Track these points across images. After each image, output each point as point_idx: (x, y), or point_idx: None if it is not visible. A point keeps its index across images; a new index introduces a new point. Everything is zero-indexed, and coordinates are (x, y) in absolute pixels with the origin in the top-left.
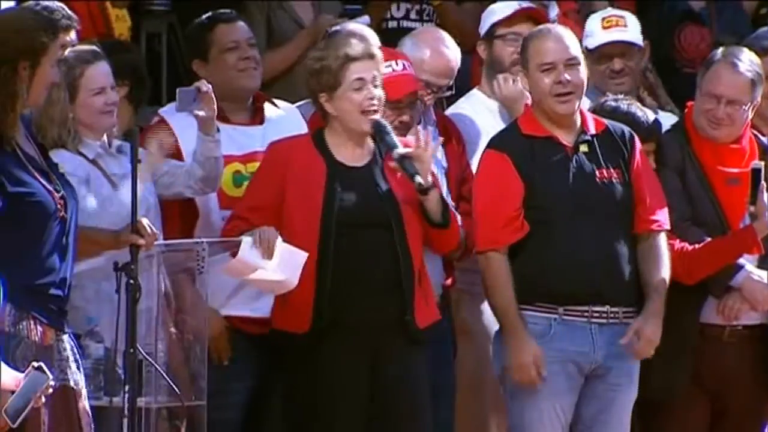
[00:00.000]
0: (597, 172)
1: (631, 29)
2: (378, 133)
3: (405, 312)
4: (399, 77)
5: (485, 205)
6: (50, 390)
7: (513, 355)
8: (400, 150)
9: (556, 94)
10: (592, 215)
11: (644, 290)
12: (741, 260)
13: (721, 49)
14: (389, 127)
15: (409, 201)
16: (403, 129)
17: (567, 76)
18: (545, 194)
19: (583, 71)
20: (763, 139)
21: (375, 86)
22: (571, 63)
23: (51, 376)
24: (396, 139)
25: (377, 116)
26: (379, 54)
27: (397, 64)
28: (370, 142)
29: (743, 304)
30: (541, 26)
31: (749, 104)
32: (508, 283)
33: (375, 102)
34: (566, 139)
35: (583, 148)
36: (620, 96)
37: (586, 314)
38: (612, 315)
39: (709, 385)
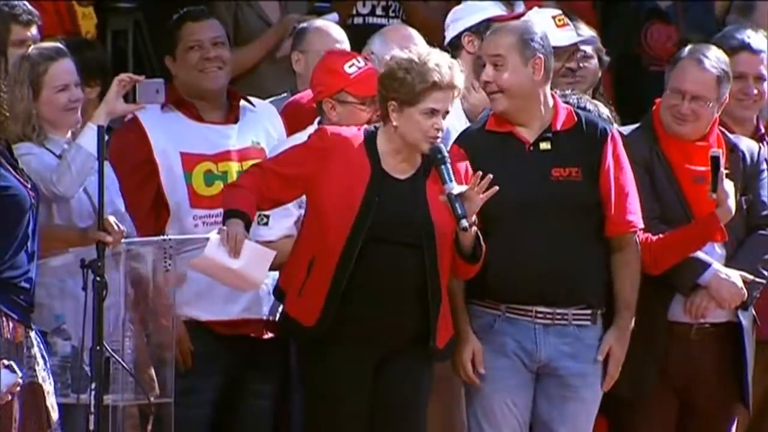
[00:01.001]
0: (553, 170)
1: (573, 28)
2: (436, 160)
3: (422, 328)
4: (367, 73)
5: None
6: (18, 388)
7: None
8: (454, 188)
9: (486, 92)
10: (541, 214)
11: (615, 300)
12: (708, 258)
13: (689, 46)
14: (448, 158)
15: (446, 224)
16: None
17: (484, 77)
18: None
19: (516, 71)
20: (731, 136)
21: (444, 117)
22: (496, 61)
23: (20, 374)
24: (452, 173)
25: (439, 143)
26: (460, 85)
27: (359, 61)
28: (418, 157)
29: (710, 302)
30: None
31: (714, 101)
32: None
33: (439, 133)
34: (528, 135)
35: (544, 144)
36: (568, 91)
37: (529, 314)
38: (559, 316)
39: (676, 382)
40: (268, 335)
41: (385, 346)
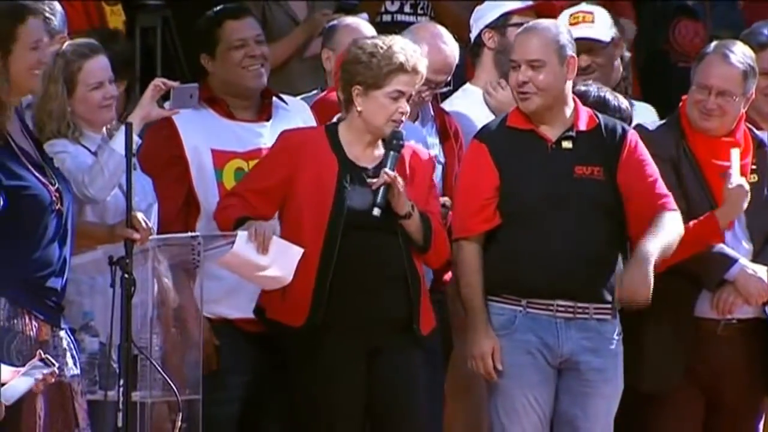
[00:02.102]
0: (576, 168)
1: (598, 25)
2: (391, 144)
3: (407, 315)
4: None
5: (460, 194)
6: (53, 379)
7: (470, 346)
8: (382, 174)
9: (518, 92)
10: (563, 210)
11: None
12: (735, 254)
13: (714, 42)
14: (401, 146)
15: (417, 205)
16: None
17: (522, 78)
18: (516, 186)
19: (554, 72)
20: (758, 133)
21: (407, 101)
22: (534, 64)
23: (57, 363)
24: (395, 162)
25: (401, 129)
26: (423, 71)
27: None
28: (381, 145)
29: (737, 297)
30: (534, 21)
31: (741, 96)
32: (475, 273)
33: (403, 117)
34: (550, 133)
35: (567, 143)
36: (590, 82)
37: (551, 308)
38: (580, 310)
39: (703, 379)
40: None
41: (374, 337)
